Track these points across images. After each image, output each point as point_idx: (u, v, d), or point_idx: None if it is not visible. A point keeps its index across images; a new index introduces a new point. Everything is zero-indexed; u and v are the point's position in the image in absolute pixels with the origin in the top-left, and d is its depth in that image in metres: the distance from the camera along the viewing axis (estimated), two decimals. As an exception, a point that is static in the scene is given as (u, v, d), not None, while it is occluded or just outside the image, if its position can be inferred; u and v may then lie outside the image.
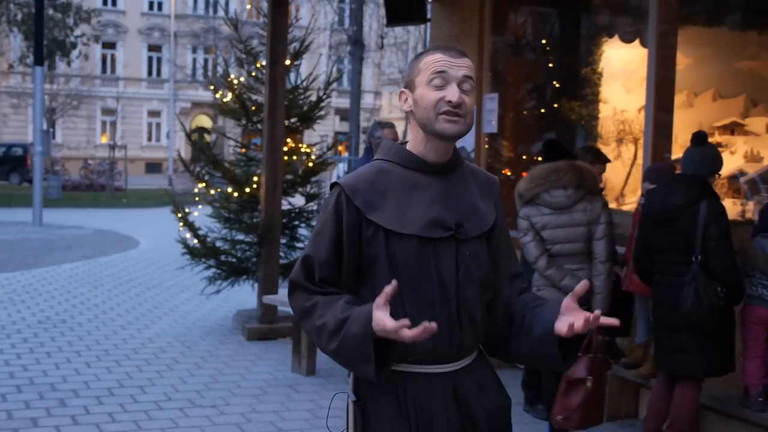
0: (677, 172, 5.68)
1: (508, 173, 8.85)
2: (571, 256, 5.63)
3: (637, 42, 7.86)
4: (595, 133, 8.78)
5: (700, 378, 5.22)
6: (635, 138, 8.60)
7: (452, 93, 2.41)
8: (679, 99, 7.62)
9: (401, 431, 2.49)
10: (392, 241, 2.45)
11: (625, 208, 7.35)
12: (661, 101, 6.54)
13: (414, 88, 2.49)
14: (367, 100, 50.76)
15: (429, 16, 8.97)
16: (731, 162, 8.79)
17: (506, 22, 8.87)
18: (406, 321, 2.24)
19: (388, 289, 2.26)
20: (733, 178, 8.57)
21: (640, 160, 7.28)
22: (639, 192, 6.90)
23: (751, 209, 7.55)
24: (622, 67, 8.72)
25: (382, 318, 2.26)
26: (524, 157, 8.94)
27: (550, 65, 9.22)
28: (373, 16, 42.37)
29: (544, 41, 9.19)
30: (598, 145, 7.54)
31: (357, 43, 19.56)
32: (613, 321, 2.39)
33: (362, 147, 7.87)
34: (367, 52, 32.69)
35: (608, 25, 8.79)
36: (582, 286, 2.39)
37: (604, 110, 8.90)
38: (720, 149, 8.53)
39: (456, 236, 2.48)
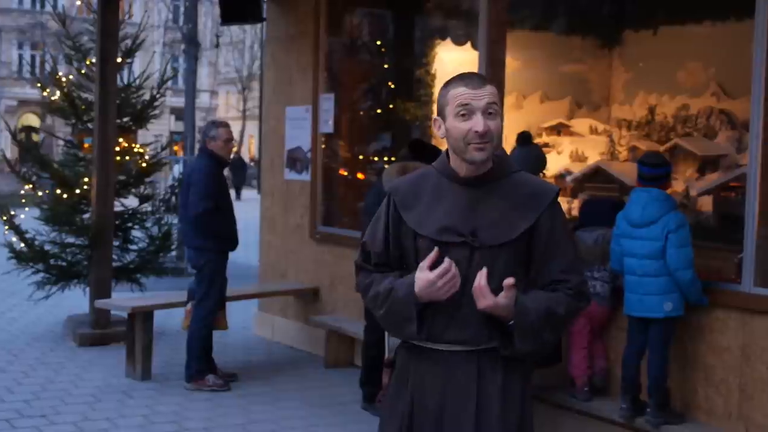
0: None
1: (345, 173, 8.92)
2: None
3: (468, 45, 8.05)
4: (429, 133, 8.94)
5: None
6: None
7: (478, 124, 2.70)
8: (508, 101, 7.87)
9: (401, 394, 2.90)
10: (417, 238, 2.83)
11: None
12: (491, 103, 6.71)
13: (445, 117, 2.79)
14: (203, 99, 49.99)
15: (265, 15, 8.92)
16: (558, 162, 9.15)
17: (342, 23, 8.92)
18: (438, 270, 2.67)
19: (433, 254, 2.69)
20: (560, 177, 8.92)
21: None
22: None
23: (577, 207, 7.88)
24: (454, 69, 8.82)
25: (426, 274, 2.69)
26: (361, 156, 9.02)
27: (386, 66, 9.34)
28: (208, 15, 41.82)
29: (379, 42, 9.30)
30: (432, 144, 7.65)
31: (192, 42, 19.20)
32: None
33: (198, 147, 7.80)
34: (203, 50, 32.14)
35: (441, 27, 8.98)
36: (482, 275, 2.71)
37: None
38: (547, 149, 8.89)
39: (469, 243, 2.75)
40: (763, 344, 4.91)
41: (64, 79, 9.39)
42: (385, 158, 8.51)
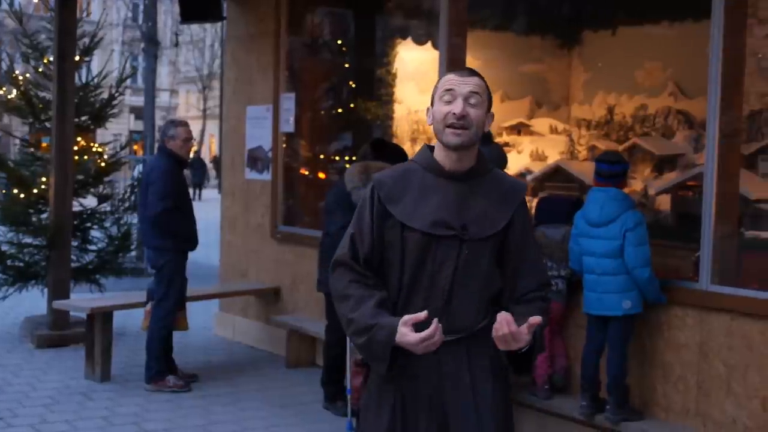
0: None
1: (306, 172, 8.90)
2: None
3: (429, 44, 8.07)
4: (390, 132, 8.96)
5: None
6: (429, 138, 8.84)
7: (457, 106, 2.83)
8: (469, 100, 7.87)
9: (390, 384, 2.93)
10: (405, 231, 2.88)
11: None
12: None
13: (434, 103, 2.93)
14: (162, 98, 49.66)
15: (225, 14, 8.87)
16: (519, 161, 9.21)
17: (303, 22, 8.90)
18: (423, 334, 2.72)
19: (421, 315, 2.74)
20: (521, 176, 8.96)
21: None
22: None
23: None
24: (415, 68, 8.94)
25: (406, 334, 2.75)
26: (322, 156, 9.01)
27: (347, 65, 9.33)
28: (168, 13, 41.53)
29: (340, 42, 9.28)
30: (393, 142, 7.66)
31: (151, 40, 19.07)
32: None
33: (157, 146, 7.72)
34: (162, 49, 31.94)
35: (402, 27, 8.99)
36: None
37: (399, 110, 9.10)
38: (507, 149, 8.93)
39: (459, 237, 2.85)
40: (720, 341, 4.97)
41: (21, 78, 9.29)
42: (346, 158, 8.51)
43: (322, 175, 8.90)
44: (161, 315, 6.80)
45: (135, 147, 35.14)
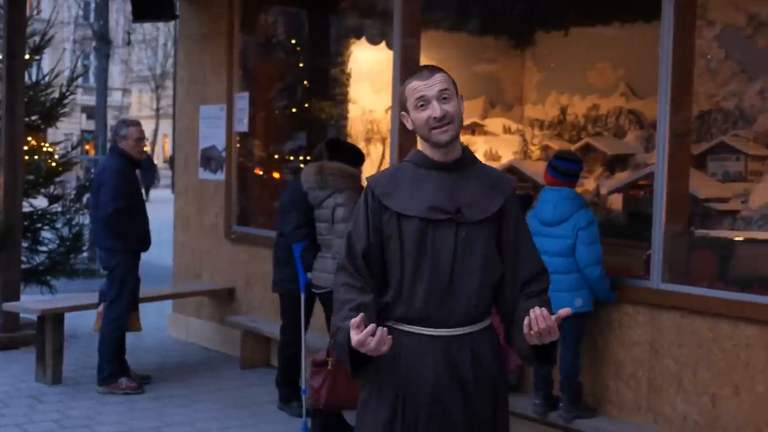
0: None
1: (260, 172, 8.86)
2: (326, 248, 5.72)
3: (383, 44, 8.08)
4: (345, 132, 8.96)
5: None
6: (383, 137, 8.86)
7: (434, 110, 2.97)
8: (423, 100, 7.89)
9: (390, 379, 2.99)
10: (402, 222, 3.00)
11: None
12: (405, 102, 6.74)
13: (409, 112, 3.05)
14: (114, 97, 49.19)
15: (178, 13, 8.81)
16: (472, 161, 9.22)
17: (256, 21, 8.86)
18: (370, 330, 2.76)
19: (357, 320, 2.77)
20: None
21: (387, 159, 7.50)
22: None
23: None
24: (369, 68, 8.94)
25: (353, 336, 2.80)
26: (276, 156, 8.98)
27: (301, 65, 9.30)
28: (120, 12, 41.12)
29: (294, 41, 9.26)
30: (349, 142, 7.65)
31: (103, 39, 18.85)
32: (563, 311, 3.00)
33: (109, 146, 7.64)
34: (114, 48, 31.64)
35: (356, 26, 8.99)
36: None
37: (353, 110, 9.10)
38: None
39: (455, 219, 2.97)
40: (671, 339, 5.04)
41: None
42: (301, 157, 8.49)
43: (276, 175, 8.87)
44: (113, 316, 6.73)
45: (87, 147, 34.77)
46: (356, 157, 6.10)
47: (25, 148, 8.64)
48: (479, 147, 9.40)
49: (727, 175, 7.17)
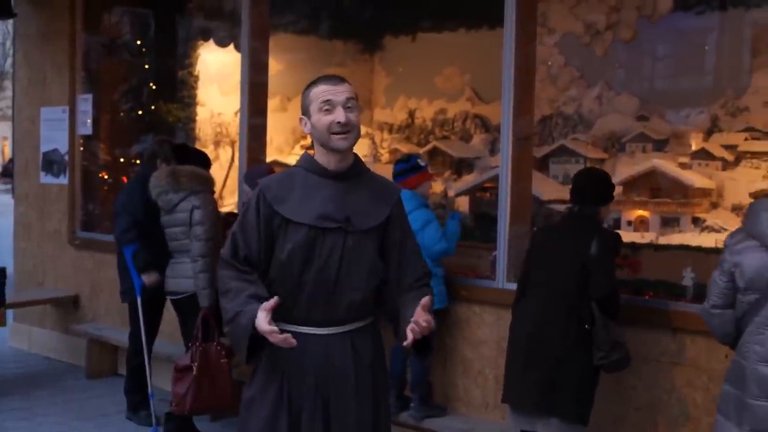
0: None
1: (105, 176, 8.62)
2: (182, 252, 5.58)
3: (231, 46, 8.01)
4: (193, 135, 8.83)
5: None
6: (232, 141, 8.78)
7: (339, 115, 3.02)
8: (272, 103, 7.87)
9: (273, 377, 3.09)
10: (291, 228, 3.06)
11: (225, 209, 7.47)
12: (254, 105, 6.70)
13: (310, 115, 3.09)
14: (-52, 98, 46.87)
15: (15, 11, 8.48)
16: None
17: (100, 21, 8.61)
18: (275, 328, 2.88)
19: (272, 302, 2.90)
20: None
21: (237, 162, 7.43)
22: (236, 194, 7.04)
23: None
24: (218, 71, 8.85)
25: (262, 319, 2.90)
26: (122, 159, 8.76)
27: (147, 67, 9.10)
28: (-46, 8, 39.25)
29: (140, 42, 9.05)
30: (197, 147, 7.54)
31: (-65, 37, 18.01)
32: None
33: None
34: (-52, 46, 30.18)
35: (204, 28, 8.88)
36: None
37: (202, 113, 8.98)
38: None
39: (344, 228, 3.06)
40: (516, 336, 5.16)
41: None
42: (148, 160, 8.30)
43: (123, 179, 8.65)
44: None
45: None
46: (204, 161, 6.04)
47: None
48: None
49: (568, 177, 7.43)
